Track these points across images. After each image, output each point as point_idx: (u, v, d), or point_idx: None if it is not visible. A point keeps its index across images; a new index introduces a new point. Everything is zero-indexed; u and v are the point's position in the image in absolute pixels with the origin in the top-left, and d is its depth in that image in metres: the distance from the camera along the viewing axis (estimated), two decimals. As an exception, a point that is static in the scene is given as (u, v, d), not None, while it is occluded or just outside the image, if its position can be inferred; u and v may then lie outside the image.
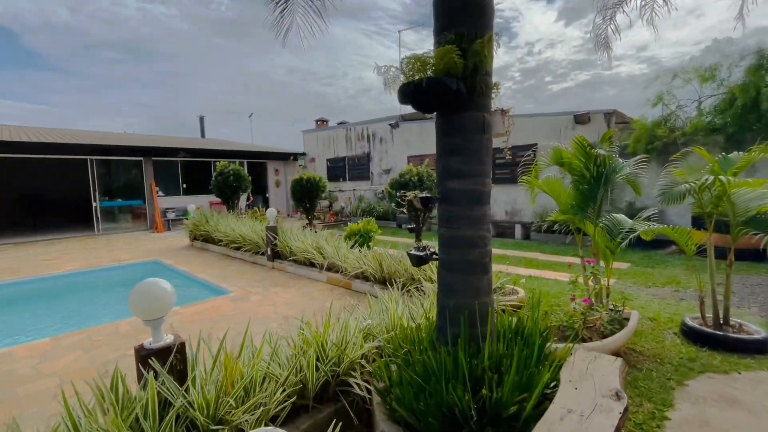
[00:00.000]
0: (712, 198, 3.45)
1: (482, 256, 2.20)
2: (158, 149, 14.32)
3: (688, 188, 3.33)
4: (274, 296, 5.36)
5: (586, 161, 3.91)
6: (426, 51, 1.96)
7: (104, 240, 11.88)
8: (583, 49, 47.11)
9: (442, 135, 2.19)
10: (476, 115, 2.10)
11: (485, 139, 2.14)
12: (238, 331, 4.17)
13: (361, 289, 5.39)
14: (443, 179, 2.21)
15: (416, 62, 1.94)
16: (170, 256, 8.80)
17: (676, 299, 4.74)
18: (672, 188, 3.50)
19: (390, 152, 14.40)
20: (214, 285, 6.12)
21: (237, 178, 9.69)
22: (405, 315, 3.12)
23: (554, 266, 6.72)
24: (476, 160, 2.13)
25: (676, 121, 8.72)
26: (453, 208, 2.18)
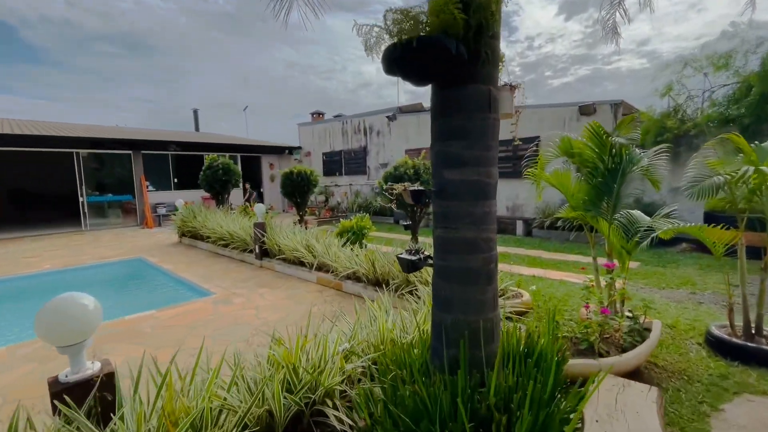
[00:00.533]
0: (746, 192, 3.05)
1: (486, 262, 1.81)
2: (147, 142, 13.87)
3: (722, 181, 2.93)
4: (259, 298, 4.97)
5: (600, 151, 3.51)
6: (418, 5, 1.54)
7: (91, 236, 11.47)
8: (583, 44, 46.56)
9: (439, 113, 1.79)
10: (481, 89, 1.69)
11: (492, 119, 1.73)
12: (216, 338, 3.81)
13: (352, 290, 5.00)
14: (439, 168, 1.81)
15: (405, 19, 1.53)
16: (156, 254, 8.40)
17: (693, 303, 4.36)
18: (703, 180, 3.09)
19: (387, 146, 13.96)
20: (197, 285, 5.72)
21: (226, 171, 9.27)
22: (397, 325, 2.73)
23: (559, 265, 6.33)
24: (481, 145, 1.72)
25: (686, 112, 8.31)
26: (451, 204, 1.78)
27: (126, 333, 3.95)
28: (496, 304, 1.86)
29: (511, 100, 1.90)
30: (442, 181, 1.79)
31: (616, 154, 3.50)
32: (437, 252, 1.87)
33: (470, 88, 1.69)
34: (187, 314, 4.46)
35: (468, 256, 1.78)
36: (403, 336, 2.57)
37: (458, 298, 1.81)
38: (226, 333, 3.88)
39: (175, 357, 2.12)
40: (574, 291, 4.90)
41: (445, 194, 1.79)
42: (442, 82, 1.70)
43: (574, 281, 5.37)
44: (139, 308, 4.82)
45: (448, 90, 1.72)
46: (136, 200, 13.74)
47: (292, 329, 3.41)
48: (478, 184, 1.75)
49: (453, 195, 1.77)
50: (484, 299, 1.82)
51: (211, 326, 4.07)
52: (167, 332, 3.94)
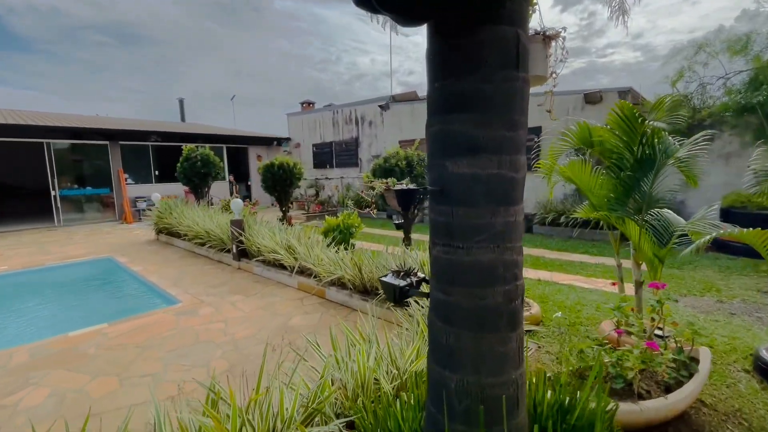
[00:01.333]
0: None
1: (510, 297, 1.22)
2: (126, 132, 13.07)
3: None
4: (230, 309, 4.36)
5: (628, 140, 2.92)
6: None
7: (63, 233, 10.74)
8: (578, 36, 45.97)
9: (440, 72, 1.19)
10: (505, 32, 1.09)
11: (521, 80, 1.13)
12: (169, 363, 3.10)
13: (336, 299, 4.41)
14: (439, 157, 1.21)
15: None
16: (128, 252, 7.73)
17: (724, 314, 3.83)
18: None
19: (380, 136, 13.30)
20: (164, 291, 5.10)
21: (205, 163, 8.58)
22: (384, 358, 2.14)
23: (565, 267, 5.80)
24: (503, 121, 1.13)
25: (699, 100, 7.76)
26: (458, 212, 1.18)
27: (65, 355, 3.33)
28: (522, 358, 1.27)
29: (546, 56, 1.31)
30: (445, 177, 1.19)
31: (647, 143, 2.93)
32: (436, 281, 1.28)
33: (488, 30, 1.08)
34: (143, 329, 3.84)
35: (483, 290, 1.19)
36: (391, 376, 1.98)
37: (468, 351, 1.22)
38: (183, 355, 3.27)
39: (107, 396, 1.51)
40: (585, 297, 4.36)
41: (448, 197, 1.18)
42: (444, 19, 1.08)
43: (583, 286, 4.84)
44: (91, 320, 4.20)
45: (454, 34, 1.11)
46: (114, 194, 12.99)
47: (265, 346, 2.85)
48: (499, 181, 1.15)
49: (461, 198, 1.17)
50: (506, 351, 1.23)
51: (168, 345, 3.46)
52: (114, 354, 3.32)
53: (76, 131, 12.20)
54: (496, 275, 1.18)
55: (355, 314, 4.05)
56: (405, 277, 1.53)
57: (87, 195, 12.87)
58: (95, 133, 12.53)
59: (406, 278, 1.53)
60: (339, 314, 4.09)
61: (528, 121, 1.22)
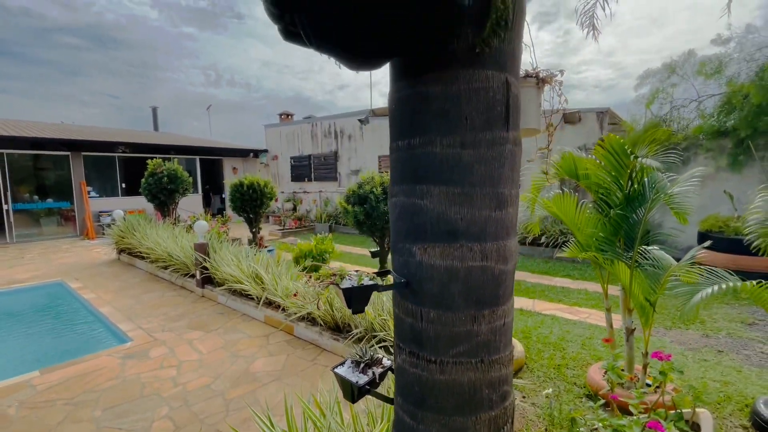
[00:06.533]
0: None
1: (497, 426, 0.92)
2: (90, 143, 12.35)
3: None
4: (186, 348, 3.93)
5: (617, 174, 2.73)
6: None
7: (15, 250, 9.92)
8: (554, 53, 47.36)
9: (406, 128, 0.89)
10: (490, 79, 0.81)
11: (511, 142, 0.85)
12: (102, 426, 2.59)
13: (306, 336, 4.04)
14: (404, 240, 0.91)
15: None
16: (84, 275, 7.12)
17: (712, 352, 3.67)
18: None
19: (359, 151, 13.05)
20: (115, 326, 4.60)
21: (173, 179, 8.06)
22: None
23: (547, 293, 5.60)
24: (490, 197, 0.84)
25: (673, 122, 7.86)
26: (429, 314, 0.88)
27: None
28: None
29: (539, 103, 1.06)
30: (411, 267, 0.89)
31: (636, 178, 2.74)
32: (402, 399, 0.97)
33: (469, 77, 0.80)
34: (80, 379, 3.37)
35: (463, 418, 0.88)
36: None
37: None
38: (121, 414, 2.83)
39: None
40: (570, 331, 4.15)
41: (416, 293, 0.88)
42: (409, 62, 0.79)
43: (566, 317, 4.64)
44: (22, 365, 3.70)
45: (422, 80, 0.82)
46: (75, 208, 12.19)
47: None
48: (483, 277, 0.86)
49: (433, 297, 0.86)
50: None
51: (106, 400, 3.01)
52: (38, 414, 2.85)
53: (35, 141, 11.42)
54: (478, 399, 0.89)
55: (326, 356, 3.70)
56: (367, 369, 1.22)
57: (45, 209, 12.02)
58: (56, 143, 11.77)
59: (368, 370, 1.22)
60: (307, 355, 3.73)
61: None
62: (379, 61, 0.76)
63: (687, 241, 7.00)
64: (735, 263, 5.96)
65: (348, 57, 0.70)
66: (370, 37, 0.65)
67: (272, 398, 2.99)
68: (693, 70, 8.00)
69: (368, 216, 4.00)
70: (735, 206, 6.07)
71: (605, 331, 3.42)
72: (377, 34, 0.64)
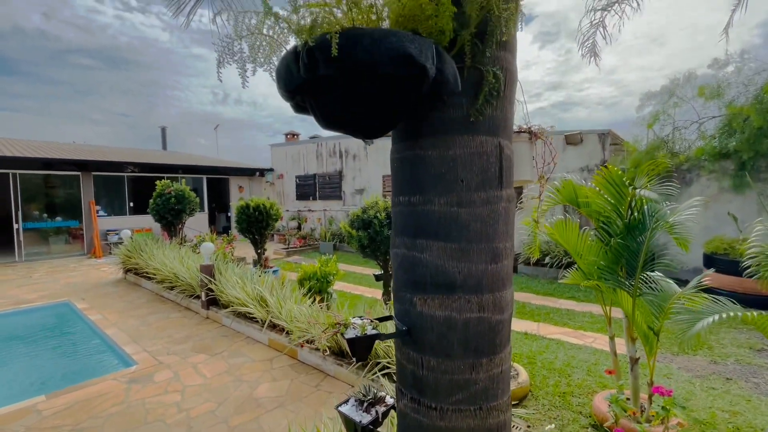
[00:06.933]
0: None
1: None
2: (99, 163, 12.61)
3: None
4: (191, 372, 3.94)
5: (616, 203, 2.78)
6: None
7: (23, 269, 10.03)
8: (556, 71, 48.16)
9: (406, 186, 0.96)
10: (483, 144, 0.87)
11: (504, 199, 0.91)
12: None
13: (309, 361, 4.04)
14: (405, 289, 0.96)
15: (328, 1, 0.69)
16: (90, 295, 7.18)
17: (720, 379, 3.62)
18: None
19: (364, 171, 13.20)
20: (120, 349, 4.62)
21: (180, 199, 8.20)
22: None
23: (551, 316, 5.57)
24: (485, 252, 0.89)
25: (675, 144, 7.92)
26: (429, 362, 0.92)
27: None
28: None
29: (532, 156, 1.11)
30: (412, 315, 0.94)
31: (636, 207, 2.78)
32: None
33: (463, 143, 0.86)
34: (86, 404, 3.39)
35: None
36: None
37: None
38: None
39: None
40: (575, 356, 4.12)
41: (416, 341, 0.93)
42: (406, 134, 0.86)
43: (572, 341, 4.61)
44: (29, 389, 3.73)
45: (420, 144, 0.89)
46: (84, 226, 12.36)
47: None
48: (480, 328, 0.90)
49: (432, 346, 0.91)
50: None
51: (111, 427, 3.03)
52: (44, 441, 2.87)
53: (46, 162, 11.69)
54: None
55: (329, 381, 3.70)
56: (370, 408, 1.25)
57: (54, 227, 12.20)
58: (67, 164, 12.03)
59: (371, 409, 1.25)
60: (311, 381, 3.72)
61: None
62: (382, 133, 0.83)
63: (693, 261, 6.96)
64: (742, 286, 5.91)
65: (351, 133, 0.78)
66: (370, 118, 0.72)
67: (276, 426, 2.99)
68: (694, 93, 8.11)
69: (372, 240, 4.05)
70: (740, 228, 6.05)
71: (611, 357, 3.40)
72: (376, 116, 0.71)
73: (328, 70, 0.60)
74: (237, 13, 0.72)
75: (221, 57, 0.69)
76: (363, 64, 0.58)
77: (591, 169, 8.42)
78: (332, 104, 0.69)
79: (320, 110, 0.69)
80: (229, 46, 0.69)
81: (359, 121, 0.72)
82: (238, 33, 0.71)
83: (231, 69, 0.75)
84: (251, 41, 0.70)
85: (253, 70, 0.71)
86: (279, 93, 0.73)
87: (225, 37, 0.69)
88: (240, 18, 0.72)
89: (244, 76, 0.70)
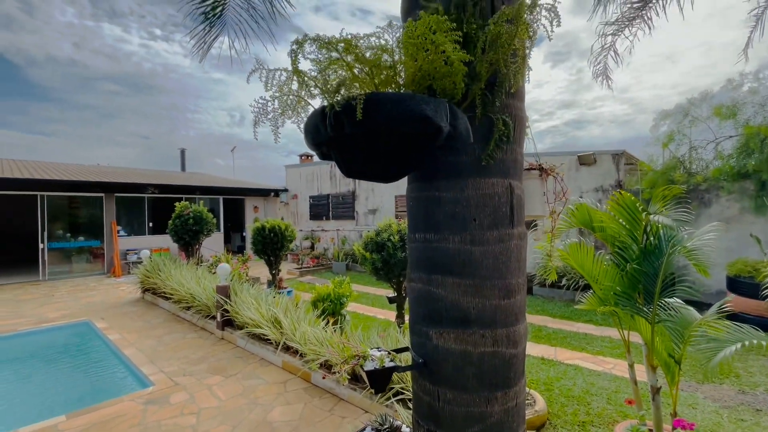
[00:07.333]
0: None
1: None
2: (122, 185, 13.07)
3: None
4: (206, 394, 3.97)
5: (631, 228, 2.77)
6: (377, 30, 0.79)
7: (47, 288, 10.33)
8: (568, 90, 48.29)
9: (421, 223, 1.01)
10: (494, 186, 0.92)
11: (516, 237, 0.95)
12: None
13: (323, 384, 4.03)
14: (421, 323, 1.00)
15: (352, 59, 0.77)
16: (109, 314, 7.34)
17: (749, 410, 3.47)
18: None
19: (377, 191, 13.34)
20: (137, 369, 4.69)
21: (198, 220, 8.42)
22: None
23: (569, 340, 5.44)
24: (498, 288, 0.93)
25: (691, 163, 7.82)
26: (445, 395, 0.95)
27: (7, 463, 2.92)
28: None
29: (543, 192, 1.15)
30: (428, 349, 0.98)
31: (652, 232, 2.77)
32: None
33: (475, 185, 0.92)
34: (105, 424, 3.44)
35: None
36: None
37: None
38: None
39: None
40: (594, 383, 4.01)
41: (432, 374, 0.96)
42: (422, 176, 0.92)
43: (590, 367, 4.49)
44: (50, 408, 3.81)
45: (435, 186, 0.94)
46: (104, 246, 12.72)
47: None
48: (494, 362, 0.93)
49: (448, 378, 0.94)
50: None
51: (128, 449, 3.06)
52: (63, 462, 2.91)
53: (73, 184, 12.18)
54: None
55: (343, 406, 3.68)
56: None
57: (76, 247, 12.59)
58: (93, 186, 12.51)
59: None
60: (324, 405, 3.71)
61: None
62: (399, 178, 0.89)
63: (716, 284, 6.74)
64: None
65: (371, 180, 0.84)
66: (388, 167, 0.78)
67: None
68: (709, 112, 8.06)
69: (386, 263, 4.09)
70: (763, 250, 5.88)
71: (639, 418, 3.29)
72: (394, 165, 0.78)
73: (352, 129, 0.67)
74: (268, 71, 0.81)
75: (257, 117, 0.78)
76: (384, 125, 0.65)
77: (606, 190, 8.34)
78: (355, 157, 0.76)
79: (343, 162, 0.76)
80: (263, 107, 0.78)
81: (379, 170, 0.78)
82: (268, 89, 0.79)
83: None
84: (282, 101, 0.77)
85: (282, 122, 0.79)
86: (306, 144, 0.80)
87: (260, 98, 0.77)
88: (271, 75, 0.81)
89: (276, 133, 0.78)
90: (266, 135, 0.92)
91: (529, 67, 0.93)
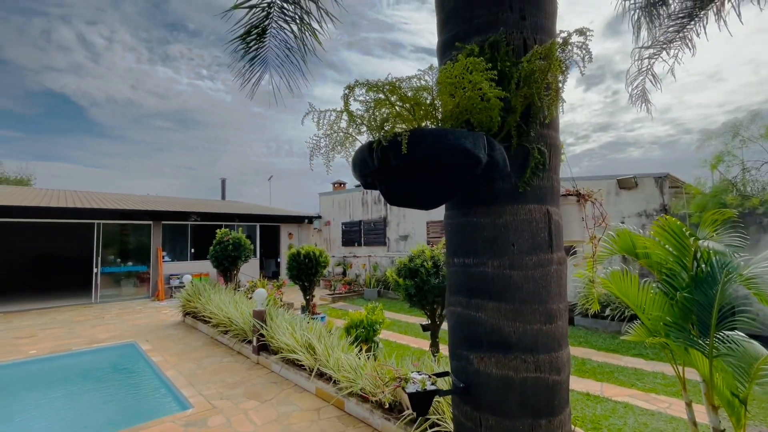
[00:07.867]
0: None
1: None
2: (168, 213, 13.91)
3: None
4: (242, 420, 4.02)
5: (679, 254, 2.63)
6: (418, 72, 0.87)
7: (98, 310, 10.98)
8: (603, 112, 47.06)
9: (461, 248, 1.05)
10: (532, 212, 0.95)
11: (556, 262, 0.97)
12: None
13: (356, 413, 3.98)
14: (462, 347, 1.02)
15: (395, 98, 0.84)
16: (153, 337, 7.67)
17: (834, 462, 3.07)
18: None
19: (408, 217, 13.39)
20: (177, 391, 4.84)
21: (236, 247, 8.78)
22: None
23: (616, 375, 5.09)
24: (539, 313, 0.94)
25: (745, 185, 7.35)
26: (488, 421, 0.95)
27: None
28: None
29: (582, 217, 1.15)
30: (469, 373, 0.99)
31: (703, 258, 2.62)
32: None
33: (513, 211, 0.95)
34: (146, 444, 3.55)
35: None
36: None
37: None
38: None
39: None
40: (647, 424, 3.70)
41: (474, 399, 0.97)
42: (460, 203, 0.97)
43: (642, 405, 4.16)
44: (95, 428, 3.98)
45: (473, 212, 0.98)
46: (150, 271, 13.45)
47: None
48: (537, 388, 0.92)
49: (490, 404, 0.94)
50: None
51: (168, 471, 3.13)
52: (109, 480, 3.02)
53: (124, 212, 13.12)
54: None
55: (376, 437, 3.60)
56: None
57: (125, 272, 13.38)
58: (142, 214, 13.41)
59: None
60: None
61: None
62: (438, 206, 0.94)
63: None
64: None
65: (412, 207, 0.90)
66: (429, 195, 0.84)
67: (323, 482, 2.93)
68: (760, 132, 7.63)
69: (419, 289, 4.07)
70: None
71: (689, 427, 3.02)
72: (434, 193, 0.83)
73: (398, 162, 0.74)
74: (320, 112, 0.91)
75: (312, 152, 0.87)
76: (427, 158, 0.71)
77: (650, 215, 7.96)
78: (399, 187, 0.82)
79: (388, 191, 0.83)
80: (317, 143, 0.87)
81: (420, 198, 0.84)
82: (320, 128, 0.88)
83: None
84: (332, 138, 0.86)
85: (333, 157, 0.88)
86: (354, 176, 0.88)
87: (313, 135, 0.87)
88: (322, 115, 0.91)
89: (328, 165, 0.87)
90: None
91: (562, 99, 0.97)
